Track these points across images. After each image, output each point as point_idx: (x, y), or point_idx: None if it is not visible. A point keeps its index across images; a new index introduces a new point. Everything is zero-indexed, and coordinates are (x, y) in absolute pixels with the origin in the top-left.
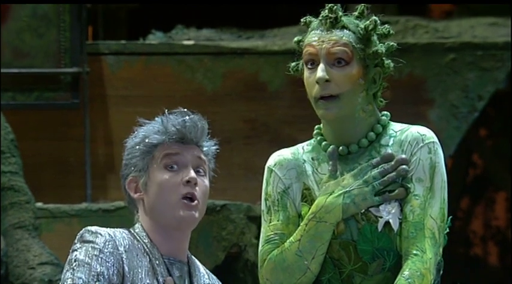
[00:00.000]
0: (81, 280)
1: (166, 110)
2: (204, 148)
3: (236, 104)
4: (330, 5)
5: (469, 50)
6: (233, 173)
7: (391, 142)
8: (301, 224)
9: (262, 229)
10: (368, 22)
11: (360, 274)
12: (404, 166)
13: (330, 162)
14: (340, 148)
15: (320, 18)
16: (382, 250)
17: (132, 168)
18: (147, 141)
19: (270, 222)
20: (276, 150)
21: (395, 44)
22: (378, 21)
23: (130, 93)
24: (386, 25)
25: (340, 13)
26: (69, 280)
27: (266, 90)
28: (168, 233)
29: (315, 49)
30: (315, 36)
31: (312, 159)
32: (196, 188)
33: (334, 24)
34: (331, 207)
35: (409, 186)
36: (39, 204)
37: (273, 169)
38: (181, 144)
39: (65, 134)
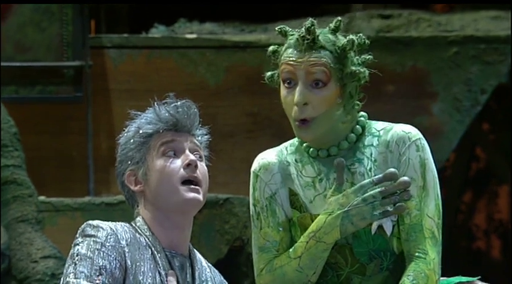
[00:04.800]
0: (83, 274)
1: (155, 101)
2: (197, 137)
3: (239, 98)
4: (307, 23)
5: (471, 43)
6: (236, 167)
7: (375, 142)
8: (302, 239)
9: (253, 235)
10: (345, 42)
11: (358, 275)
12: (409, 191)
13: (336, 174)
14: (320, 151)
15: (297, 37)
16: (378, 251)
17: (129, 162)
18: (141, 132)
19: (261, 229)
20: (278, 144)
21: (371, 56)
22: (355, 41)
23: (132, 86)
24: (361, 34)
25: (318, 32)
26: (72, 274)
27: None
28: (171, 221)
29: (293, 68)
30: (293, 56)
31: (296, 161)
32: (197, 171)
33: (312, 45)
34: (329, 229)
35: (411, 195)
36: (42, 198)
37: (258, 174)
38: (175, 132)
39: (68, 128)
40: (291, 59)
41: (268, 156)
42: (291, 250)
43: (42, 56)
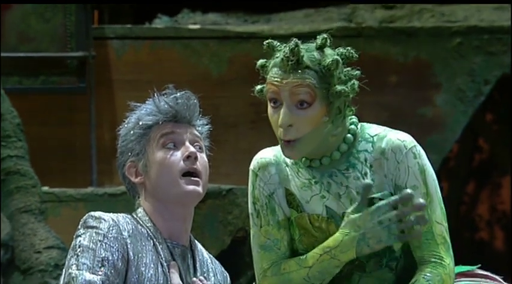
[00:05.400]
0: (85, 266)
1: (155, 92)
2: (197, 127)
3: (242, 88)
4: (291, 44)
5: (475, 33)
6: (239, 157)
7: (369, 148)
8: (316, 251)
9: (252, 232)
10: (330, 61)
11: (358, 271)
12: (424, 216)
13: (360, 194)
14: (312, 161)
15: (282, 57)
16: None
17: (129, 154)
18: (141, 123)
19: (261, 227)
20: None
21: (358, 72)
22: (340, 61)
23: (136, 77)
24: (349, 48)
25: (303, 51)
26: (74, 266)
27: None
28: (171, 213)
29: (278, 89)
30: (277, 76)
31: (293, 163)
32: (197, 163)
33: (296, 66)
34: (345, 248)
35: (427, 220)
36: (45, 188)
37: (257, 173)
38: (175, 123)
39: (71, 118)
40: (275, 79)
41: (266, 156)
42: (302, 257)
43: (46, 47)
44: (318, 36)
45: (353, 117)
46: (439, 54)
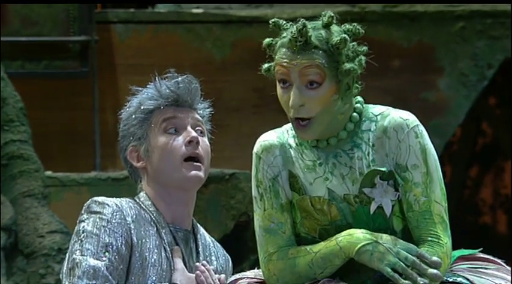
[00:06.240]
0: (89, 252)
1: (157, 77)
2: (199, 111)
3: (245, 73)
4: (299, 25)
5: (478, 18)
6: (242, 142)
7: (372, 127)
8: (329, 238)
9: (256, 216)
10: (338, 40)
11: None
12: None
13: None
14: (319, 141)
15: (290, 37)
16: (378, 230)
17: (131, 138)
18: (142, 108)
19: (265, 210)
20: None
21: (366, 47)
22: (348, 39)
23: (138, 61)
24: (355, 24)
25: (310, 32)
26: (78, 251)
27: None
28: (173, 197)
29: (287, 70)
30: (286, 57)
31: (297, 144)
32: (199, 148)
33: (304, 47)
34: (353, 240)
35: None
36: (48, 173)
37: (261, 156)
38: (177, 107)
39: (74, 103)
40: (284, 60)
41: (269, 138)
42: (313, 245)
43: (48, 31)
44: (323, 13)
45: (358, 97)
46: (442, 39)
